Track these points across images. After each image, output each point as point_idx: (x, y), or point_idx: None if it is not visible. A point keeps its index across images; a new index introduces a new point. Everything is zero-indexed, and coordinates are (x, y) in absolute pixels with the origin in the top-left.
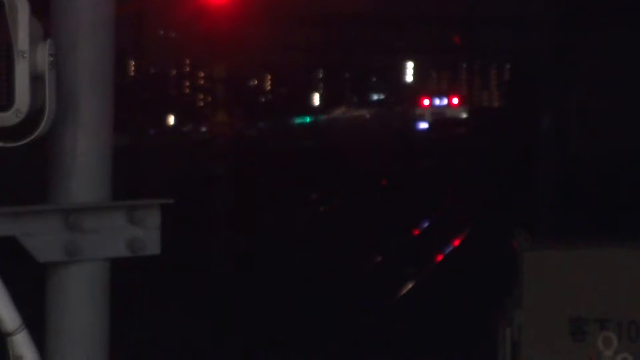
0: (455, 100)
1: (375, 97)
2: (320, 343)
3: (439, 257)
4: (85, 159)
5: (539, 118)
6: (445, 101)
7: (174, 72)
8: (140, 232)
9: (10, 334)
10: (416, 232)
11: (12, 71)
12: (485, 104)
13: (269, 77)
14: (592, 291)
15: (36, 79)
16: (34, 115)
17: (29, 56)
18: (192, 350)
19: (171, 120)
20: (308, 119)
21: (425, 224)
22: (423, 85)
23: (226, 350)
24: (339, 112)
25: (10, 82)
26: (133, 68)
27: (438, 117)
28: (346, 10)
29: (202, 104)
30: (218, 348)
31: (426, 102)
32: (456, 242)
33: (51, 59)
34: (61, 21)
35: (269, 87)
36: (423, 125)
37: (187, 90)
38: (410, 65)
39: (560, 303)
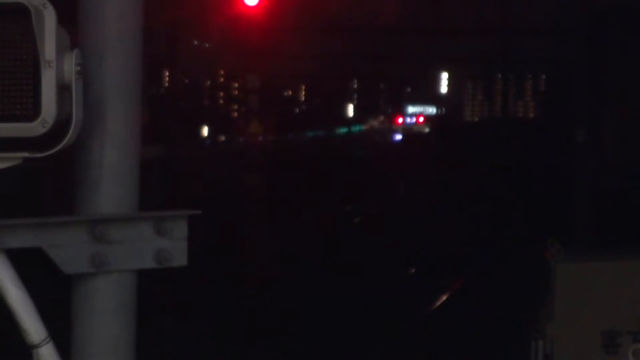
0: (421, 119)
1: (410, 108)
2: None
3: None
4: (112, 169)
5: (574, 129)
6: (414, 120)
7: (208, 82)
8: (168, 243)
9: (36, 346)
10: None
11: (39, 81)
12: (443, 120)
13: (303, 87)
14: (625, 303)
15: (63, 89)
16: (61, 125)
17: (55, 66)
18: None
19: (205, 131)
20: (345, 130)
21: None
22: (459, 96)
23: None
24: (375, 122)
25: (36, 92)
26: (168, 79)
27: (408, 132)
28: (380, 22)
29: (236, 114)
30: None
31: (400, 120)
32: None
33: (78, 68)
34: (88, 31)
35: (303, 98)
36: (398, 137)
37: (222, 101)
38: (445, 76)
39: (593, 315)
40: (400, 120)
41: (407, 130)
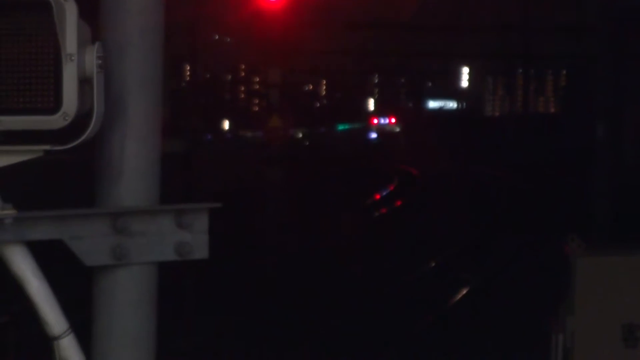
0: (393, 120)
1: (431, 103)
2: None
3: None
4: (133, 162)
5: (595, 126)
6: (387, 120)
7: (229, 77)
8: (188, 236)
9: (56, 338)
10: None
11: (60, 74)
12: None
13: (324, 82)
14: None
15: (84, 82)
16: (82, 118)
17: (77, 59)
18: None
19: (226, 125)
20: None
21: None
22: (479, 90)
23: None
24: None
25: (58, 85)
26: (189, 73)
27: (382, 131)
28: (400, 18)
29: (257, 108)
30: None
31: (375, 121)
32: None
33: (99, 62)
34: (110, 24)
35: (323, 92)
36: (373, 135)
37: (242, 95)
38: (465, 71)
39: (612, 309)
40: (376, 121)
41: (380, 129)
